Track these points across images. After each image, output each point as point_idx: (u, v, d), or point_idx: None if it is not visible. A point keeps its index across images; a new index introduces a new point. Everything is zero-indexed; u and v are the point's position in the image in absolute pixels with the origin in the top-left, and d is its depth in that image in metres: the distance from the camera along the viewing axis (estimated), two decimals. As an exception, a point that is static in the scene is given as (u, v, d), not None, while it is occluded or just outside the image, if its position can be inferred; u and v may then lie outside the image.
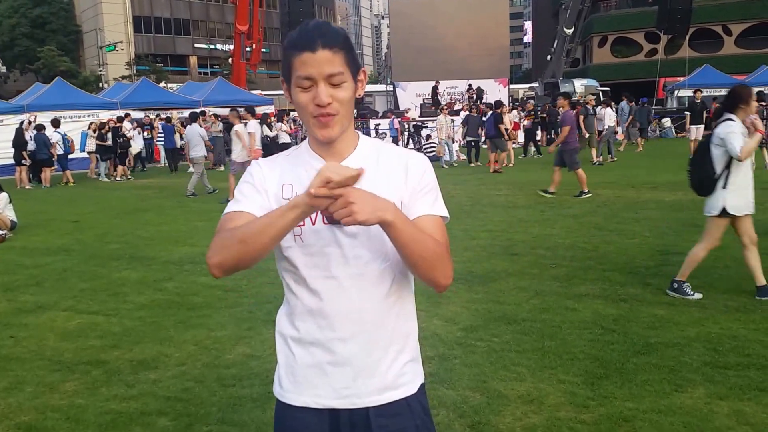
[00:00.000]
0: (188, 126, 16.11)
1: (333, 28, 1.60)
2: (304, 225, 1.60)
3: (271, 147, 18.53)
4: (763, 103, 16.19)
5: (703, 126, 19.45)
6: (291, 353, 1.69)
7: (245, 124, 13.35)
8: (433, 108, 30.65)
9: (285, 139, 21.34)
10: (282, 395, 1.72)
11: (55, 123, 20.17)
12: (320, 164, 1.58)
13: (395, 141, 24.63)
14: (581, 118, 18.21)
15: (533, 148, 23.97)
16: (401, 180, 1.64)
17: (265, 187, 1.66)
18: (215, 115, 22.77)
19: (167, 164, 23.35)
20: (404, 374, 1.69)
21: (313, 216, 1.59)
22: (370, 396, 1.65)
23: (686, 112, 21.10)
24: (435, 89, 35.45)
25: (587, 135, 18.81)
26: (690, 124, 20.12)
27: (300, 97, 1.58)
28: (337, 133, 1.60)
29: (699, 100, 20.66)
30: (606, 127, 20.67)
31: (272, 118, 23.31)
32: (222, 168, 21.95)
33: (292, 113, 31.23)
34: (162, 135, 23.84)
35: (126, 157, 21.16)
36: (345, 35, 1.61)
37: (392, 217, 1.45)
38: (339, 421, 1.66)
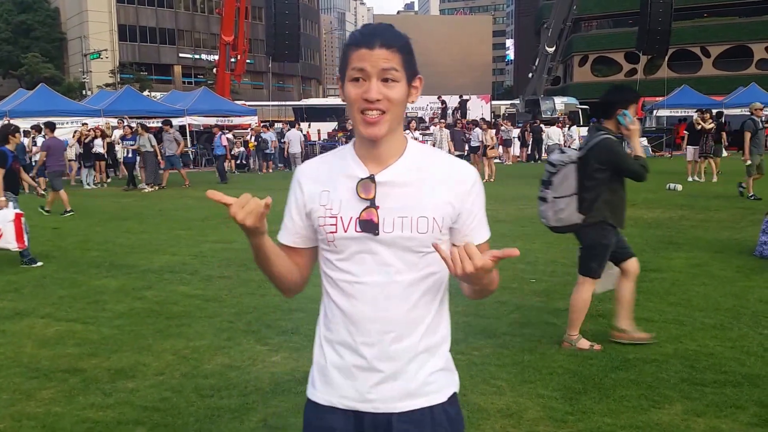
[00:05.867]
0: (291, 129, 22.72)
1: (395, 31, 1.62)
2: (336, 232, 1.63)
3: None
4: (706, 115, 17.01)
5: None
6: (323, 353, 1.73)
7: None
8: (461, 120, 30.14)
9: None
10: (313, 394, 1.75)
11: (38, 129, 20.01)
12: (362, 172, 1.64)
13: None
14: (748, 135, 13.23)
15: None
16: (447, 193, 1.64)
17: (304, 201, 1.70)
18: (143, 126, 19.95)
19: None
20: (432, 382, 1.70)
21: (346, 223, 1.62)
22: (394, 402, 1.66)
23: (685, 132, 20.03)
24: (464, 102, 35.59)
25: (748, 160, 13.43)
26: (687, 144, 18.60)
27: (351, 90, 1.59)
28: (383, 133, 1.59)
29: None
30: (552, 143, 20.91)
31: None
32: (150, 188, 18.86)
33: (277, 124, 31.24)
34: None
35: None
36: (406, 39, 1.63)
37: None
38: (363, 424, 1.68)
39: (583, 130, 30.75)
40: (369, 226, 1.60)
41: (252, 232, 1.53)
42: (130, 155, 19.25)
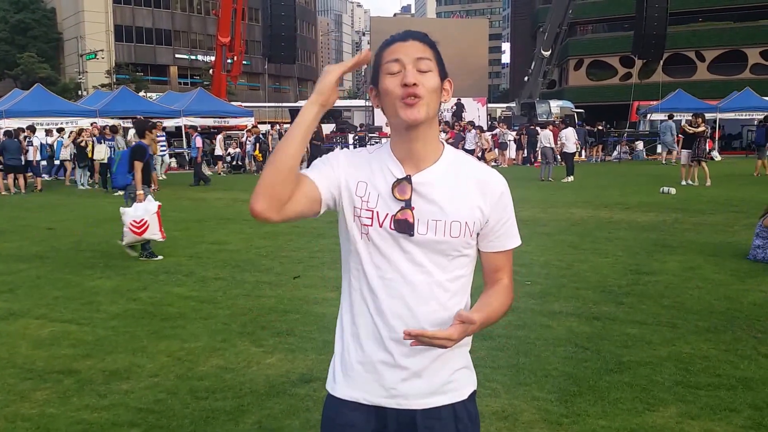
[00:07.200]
0: None
1: (426, 35, 1.67)
2: (372, 225, 1.65)
3: None
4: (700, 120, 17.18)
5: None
6: (347, 348, 1.73)
7: None
8: (458, 122, 29.81)
9: None
10: (334, 389, 1.76)
11: (32, 129, 20.05)
12: (399, 171, 1.66)
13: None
14: None
15: None
16: (478, 199, 1.67)
17: (340, 172, 1.68)
18: (111, 128, 19.54)
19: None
20: (453, 381, 1.72)
21: (382, 219, 1.64)
22: (417, 399, 1.69)
23: (680, 135, 20.08)
24: (461, 105, 35.48)
25: None
26: (682, 148, 18.63)
27: (388, 82, 1.62)
28: (422, 117, 1.61)
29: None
30: (543, 146, 20.99)
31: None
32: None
33: (277, 126, 31.17)
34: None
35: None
36: (434, 43, 1.68)
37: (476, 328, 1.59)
38: (386, 419, 1.70)
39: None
40: (404, 227, 1.63)
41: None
42: (112, 156, 19.14)
